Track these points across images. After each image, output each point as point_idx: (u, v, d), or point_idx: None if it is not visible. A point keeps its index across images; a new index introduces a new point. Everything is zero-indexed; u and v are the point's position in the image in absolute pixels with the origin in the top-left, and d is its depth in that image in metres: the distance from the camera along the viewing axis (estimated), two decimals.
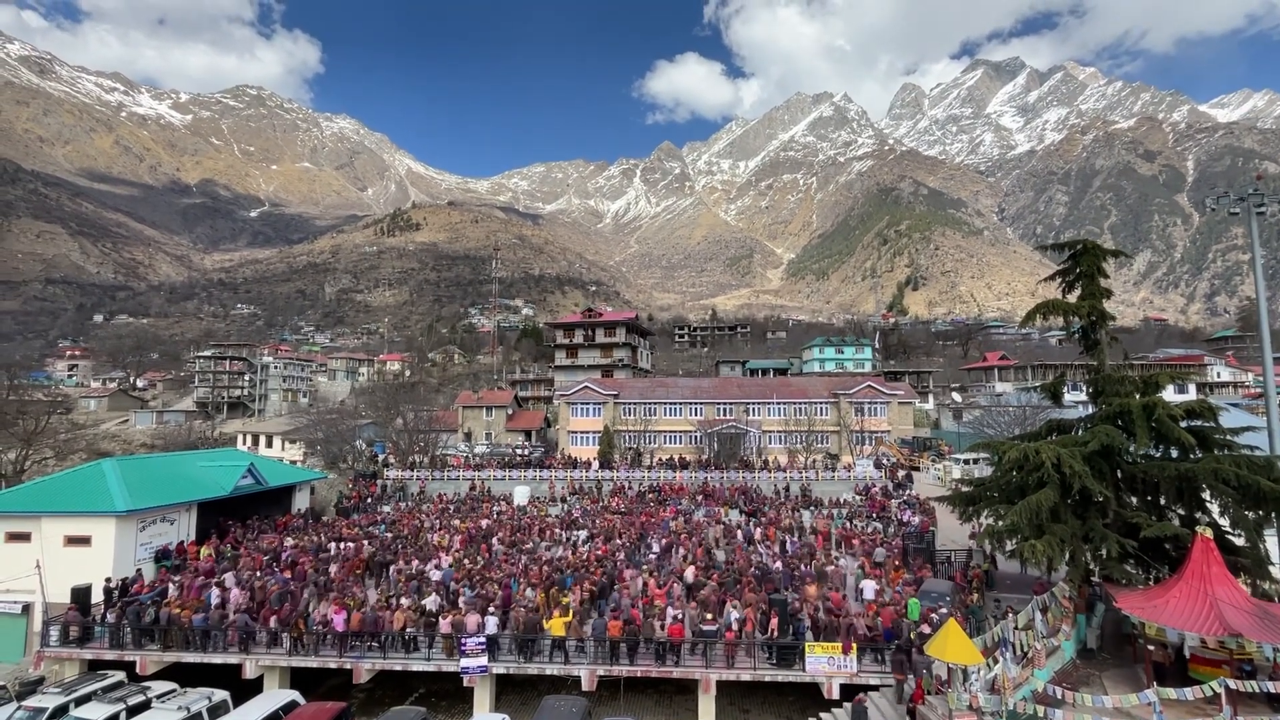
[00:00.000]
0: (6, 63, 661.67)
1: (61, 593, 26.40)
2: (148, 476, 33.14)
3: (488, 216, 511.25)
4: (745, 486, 46.11)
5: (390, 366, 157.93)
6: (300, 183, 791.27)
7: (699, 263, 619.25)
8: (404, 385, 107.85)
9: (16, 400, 67.91)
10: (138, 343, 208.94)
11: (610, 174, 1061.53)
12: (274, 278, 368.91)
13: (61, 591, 26.44)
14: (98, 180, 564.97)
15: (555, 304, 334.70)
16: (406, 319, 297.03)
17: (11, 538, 28.76)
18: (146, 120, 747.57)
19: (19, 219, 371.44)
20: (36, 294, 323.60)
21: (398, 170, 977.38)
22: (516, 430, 77.46)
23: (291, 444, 78.74)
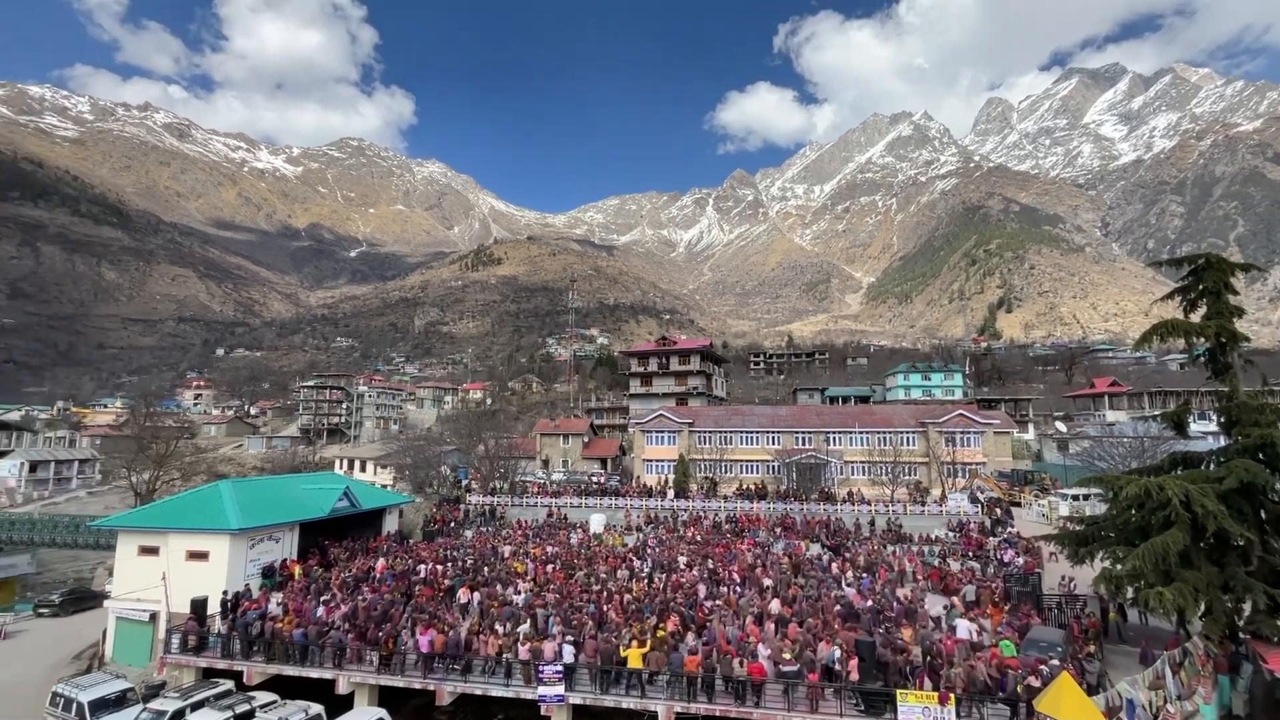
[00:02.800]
0: (154, 130, 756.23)
1: (183, 604, 28.74)
2: (257, 498, 35.78)
3: (564, 249, 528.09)
4: (827, 519, 44.24)
5: (473, 395, 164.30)
6: (394, 224, 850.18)
7: (774, 289, 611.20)
8: (485, 413, 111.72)
9: (152, 427, 75.63)
10: (252, 374, 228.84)
11: (683, 204, 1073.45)
12: (370, 312, 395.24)
13: (183, 602, 28.78)
14: (223, 228, 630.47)
15: (630, 333, 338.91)
16: (488, 349, 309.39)
17: (143, 551, 31.73)
18: (265, 173, 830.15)
19: (158, 265, 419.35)
20: (170, 331, 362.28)
21: (481, 209, 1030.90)
22: (592, 458, 78.23)
23: (383, 469, 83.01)
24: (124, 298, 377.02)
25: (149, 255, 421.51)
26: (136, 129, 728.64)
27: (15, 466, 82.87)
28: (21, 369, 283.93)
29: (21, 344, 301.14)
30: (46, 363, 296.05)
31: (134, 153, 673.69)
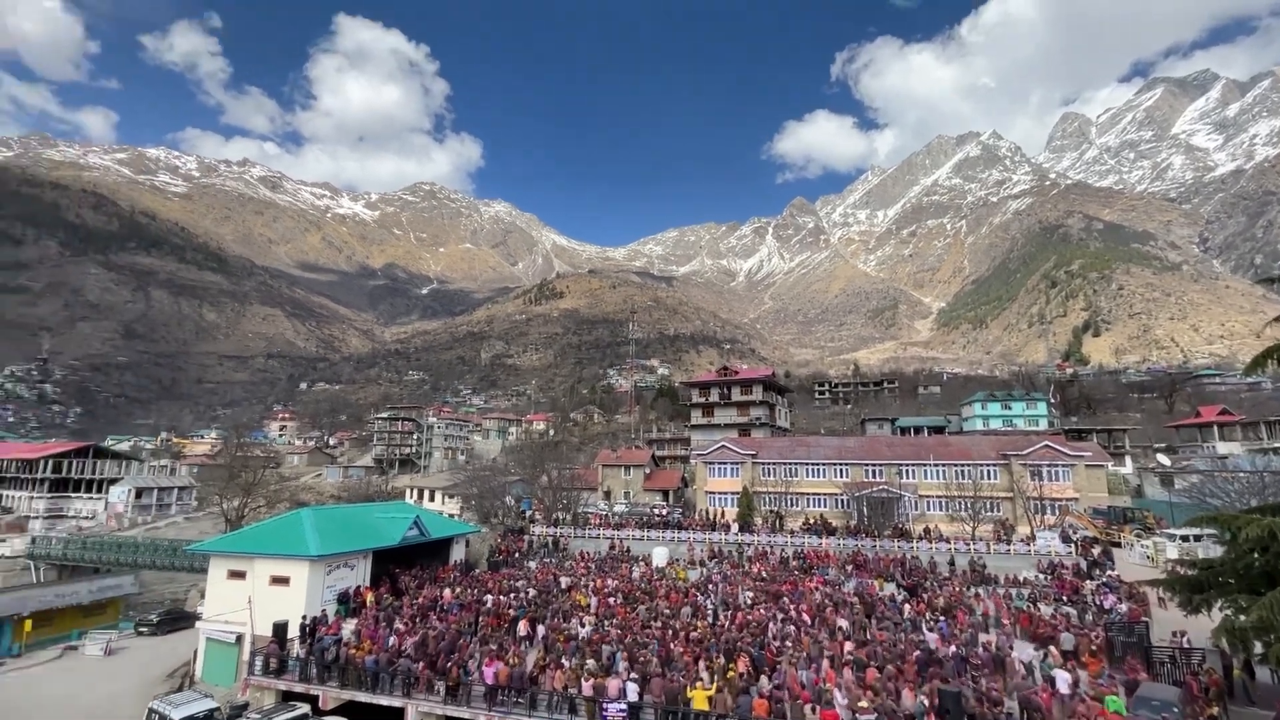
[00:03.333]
0: (250, 183, 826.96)
1: (266, 626, 30.06)
2: (335, 526, 37.31)
3: (624, 282, 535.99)
4: (902, 557, 41.94)
5: (536, 426, 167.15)
6: (462, 261, 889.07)
7: (838, 316, 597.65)
8: (548, 444, 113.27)
9: (241, 456, 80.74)
10: (331, 407, 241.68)
11: (742, 233, 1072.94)
12: (439, 346, 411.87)
13: (266, 625, 30.11)
14: (308, 270, 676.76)
15: (690, 363, 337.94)
16: (551, 381, 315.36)
17: (232, 575, 33.54)
18: (346, 219, 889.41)
19: (251, 305, 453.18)
20: (260, 366, 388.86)
21: (544, 245, 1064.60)
22: (654, 490, 77.63)
23: (450, 498, 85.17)
24: (221, 336, 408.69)
25: (244, 297, 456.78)
26: (236, 183, 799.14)
27: (124, 493, 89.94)
28: (132, 403, 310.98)
29: (133, 380, 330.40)
30: (153, 397, 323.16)
31: (233, 204, 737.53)
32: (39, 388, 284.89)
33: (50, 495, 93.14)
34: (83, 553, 61.36)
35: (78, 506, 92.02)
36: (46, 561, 63.31)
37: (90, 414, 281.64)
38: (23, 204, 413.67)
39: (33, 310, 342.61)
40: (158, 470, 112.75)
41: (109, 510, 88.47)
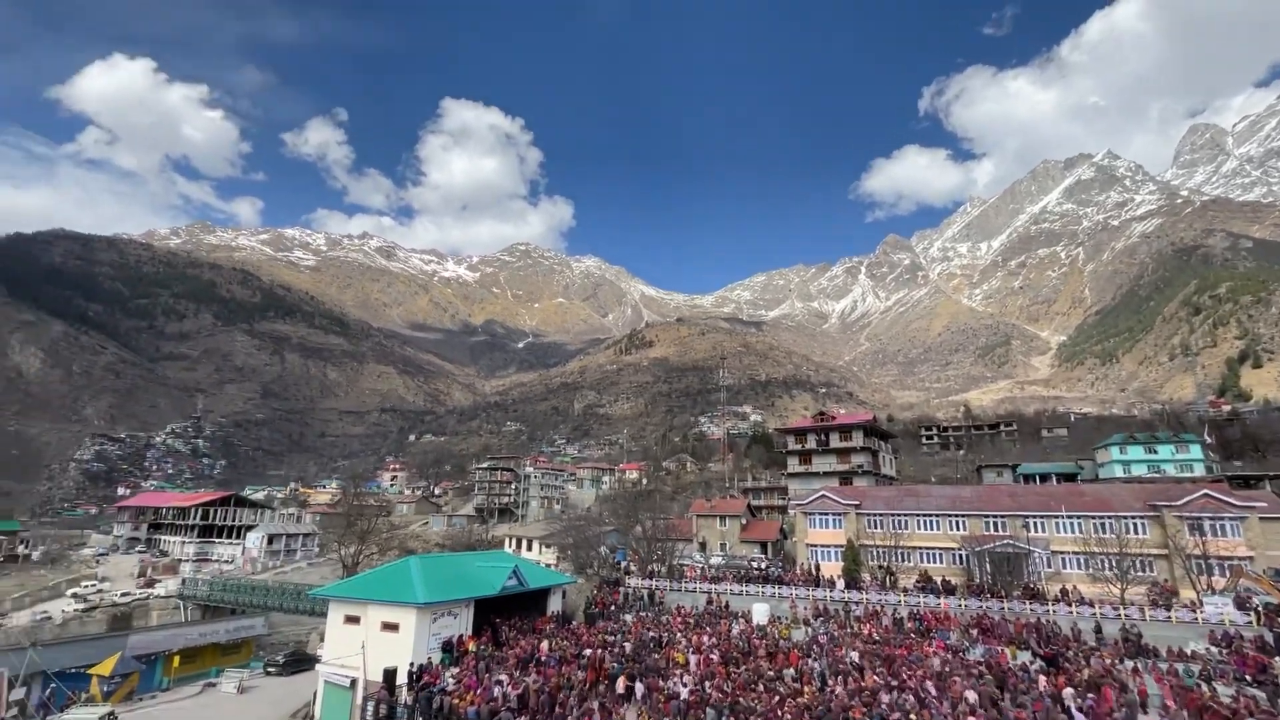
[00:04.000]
0: (369, 253, 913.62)
1: (377, 672, 31.17)
2: (439, 573, 38.60)
3: (713, 328, 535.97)
4: (1037, 622, 37.43)
5: (629, 475, 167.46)
6: (556, 315, 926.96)
7: (942, 355, 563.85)
8: (641, 493, 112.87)
9: (358, 505, 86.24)
10: (437, 458, 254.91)
11: (833, 274, 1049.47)
12: (535, 397, 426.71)
13: (377, 670, 31.23)
14: (418, 330, 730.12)
15: (784, 408, 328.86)
16: (642, 429, 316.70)
17: (348, 620, 35.31)
18: (450, 281, 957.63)
19: (368, 364, 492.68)
20: (375, 420, 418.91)
21: (633, 296, 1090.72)
22: (751, 541, 74.84)
23: (547, 548, 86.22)
24: (342, 393, 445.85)
25: (361, 357, 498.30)
26: (356, 254, 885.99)
27: (258, 539, 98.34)
28: (267, 455, 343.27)
29: (268, 434, 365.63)
30: (284, 450, 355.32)
31: (354, 274, 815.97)
32: (193, 443, 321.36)
33: (199, 540, 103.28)
34: (222, 594, 67.11)
35: (220, 551, 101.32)
36: (193, 602, 69.76)
37: (233, 466, 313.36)
38: (187, 283, 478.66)
39: (191, 374, 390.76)
40: (286, 518, 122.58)
41: (245, 555, 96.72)
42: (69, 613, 70.99)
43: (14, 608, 73.86)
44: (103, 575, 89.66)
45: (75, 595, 77.00)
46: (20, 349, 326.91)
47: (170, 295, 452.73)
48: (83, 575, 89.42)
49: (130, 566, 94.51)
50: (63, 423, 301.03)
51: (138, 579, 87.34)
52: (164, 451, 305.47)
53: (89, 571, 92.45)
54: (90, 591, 78.37)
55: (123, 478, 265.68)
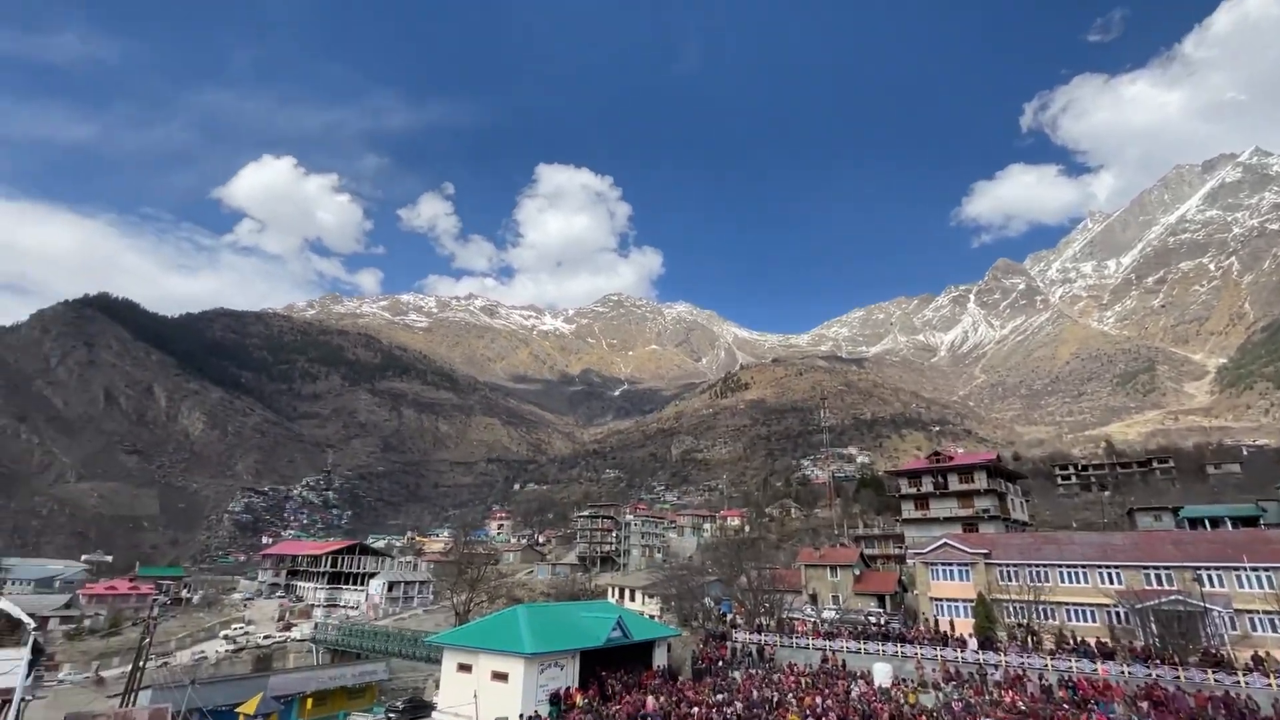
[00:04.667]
0: (474, 313, 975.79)
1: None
2: (545, 623, 38.83)
3: (811, 368, 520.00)
4: (1225, 695, 31.73)
5: (731, 523, 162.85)
6: (650, 362, 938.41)
7: (1072, 385, 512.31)
8: (744, 541, 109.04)
9: (468, 554, 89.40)
10: (540, 506, 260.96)
11: (938, 304, 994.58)
12: (633, 445, 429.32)
13: None
14: (519, 382, 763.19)
15: (893, 449, 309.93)
16: (742, 474, 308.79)
17: (461, 668, 36.14)
18: (548, 334, 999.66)
19: (474, 416, 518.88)
20: (482, 470, 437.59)
21: (726, 339, 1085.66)
22: (866, 594, 69.73)
23: (650, 598, 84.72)
24: (452, 445, 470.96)
25: (469, 410, 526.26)
26: (463, 314, 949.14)
27: (380, 586, 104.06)
28: (387, 505, 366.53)
29: (387, 485, 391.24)
30: (402, 500, 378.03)
31: (461, 332, 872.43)
32: (324, 494, 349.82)
33: (329, 586, 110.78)
34: (349, 639, 71.07)
35: (347, 597, 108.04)
36: (324, 645, 74.35)
37: (358, 515, 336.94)
38: (319, 349, 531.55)
39: (322, 431, 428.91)
40: (404, 566, 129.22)
41: (368, 601, 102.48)
42: (221, 653, 77.94)
43: (177, 647, 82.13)
44: (249, 618, 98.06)
45: (226, 637, 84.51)
46: (187, 414, 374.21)
47: (305, 360, 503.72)
48: (233, 618, 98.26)
49: (271, 610, 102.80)
50: (219, 478, 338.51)
51: (277, 622, 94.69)
52: (300, 503, 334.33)
53: (238, 615, 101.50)
54: (239, 634, 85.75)
55: (266, 527, 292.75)
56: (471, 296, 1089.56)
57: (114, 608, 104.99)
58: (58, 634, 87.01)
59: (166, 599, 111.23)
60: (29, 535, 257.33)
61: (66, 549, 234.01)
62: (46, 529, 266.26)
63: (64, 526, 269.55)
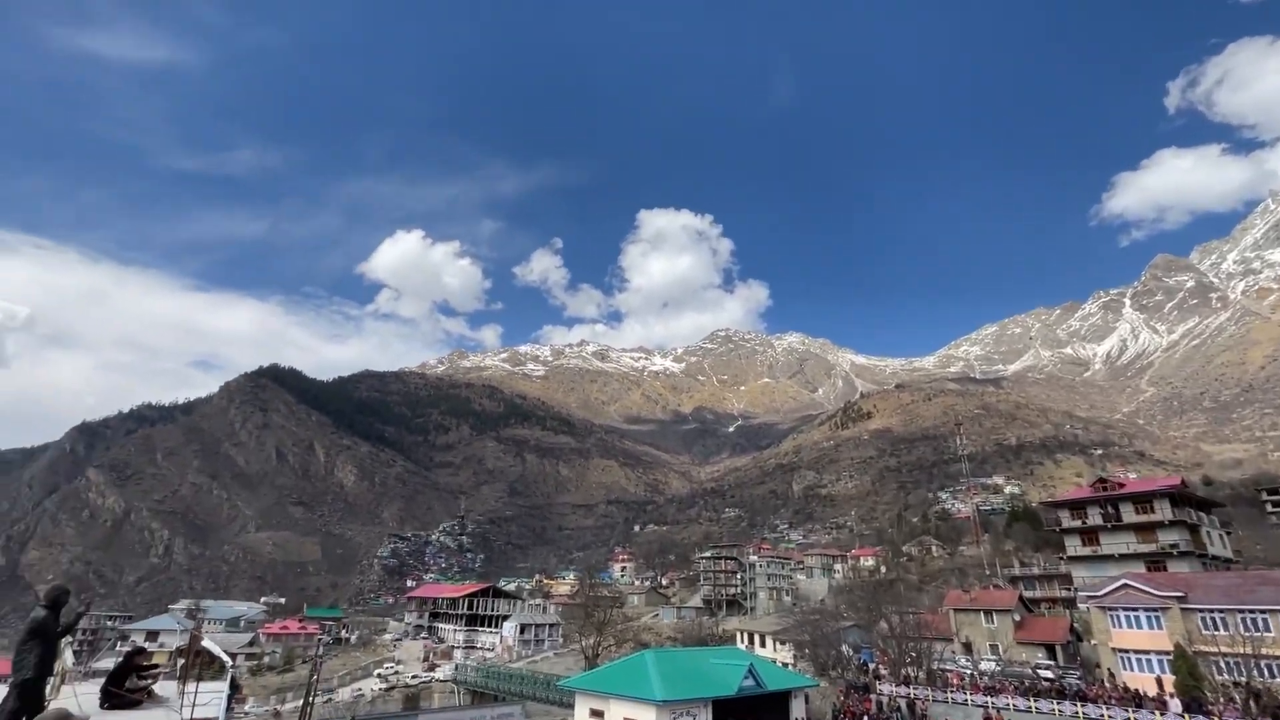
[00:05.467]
0: (586, 358, 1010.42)
1: None
2: (675, 670, 37.88)
3: (940, 391, 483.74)
4: None
5: (864, 562, 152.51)
6: (763, 396, 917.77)
7: (1273, 393, 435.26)
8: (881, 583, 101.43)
9: (594, 596, 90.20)
10: (660, 546, 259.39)
11: (1086, 312, 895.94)
12: (751, 482, 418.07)
13: None
14: (633, 423, 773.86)
15: (1047, 477, 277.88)
16: (872, 509, 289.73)
17: (593, 714, 35.99)
18: (659, 374, 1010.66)
19: (593, 459, 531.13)
20: (602, 512, 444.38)
21: (842, 367, 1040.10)
22: (1031, 643, 61.77)
23: (781, 645, 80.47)
24: (572, 488, 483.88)
25: (587, 453, 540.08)
26: (577, 360, 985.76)
27: (513, 628, 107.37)
28: (515, 548, 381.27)
29: (515, 529, 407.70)
30: (529, 543, 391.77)
31: (576, 378, 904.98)
32: (459, 539, 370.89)
33: (466, 628, 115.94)
34: (487, 680, 73.52)
35: (483, 639, 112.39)
36: (464, 686, 77.43)
37: (489, 559, 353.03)
38: (449, 403, 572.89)
39: (455, 479, 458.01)
40: (533, 608, 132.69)
41: (503, 643, 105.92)
42: (375, 691, 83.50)
43: (339, 684, 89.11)
44: (398, 658, 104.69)
45: (379, 675, 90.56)
46: (341, 467, 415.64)
47: (438, 413, 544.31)
48: (384, 658, 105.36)
49: (417, 651, 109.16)
50: (369, 525, 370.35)
51: (423, 662, 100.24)
52: (438, 547, 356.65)
53: (389, 654, 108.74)
54: (390, 673, 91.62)
55: (409, 571, 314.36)
56: (583, 343, 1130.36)
57: (287, 645, 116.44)
58: (243, 669, 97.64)
59: (330, 639, 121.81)
60: (220, 579, 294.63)
61: (248, 592, 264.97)
62: (233, 574, 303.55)
63: (246, 571, 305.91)
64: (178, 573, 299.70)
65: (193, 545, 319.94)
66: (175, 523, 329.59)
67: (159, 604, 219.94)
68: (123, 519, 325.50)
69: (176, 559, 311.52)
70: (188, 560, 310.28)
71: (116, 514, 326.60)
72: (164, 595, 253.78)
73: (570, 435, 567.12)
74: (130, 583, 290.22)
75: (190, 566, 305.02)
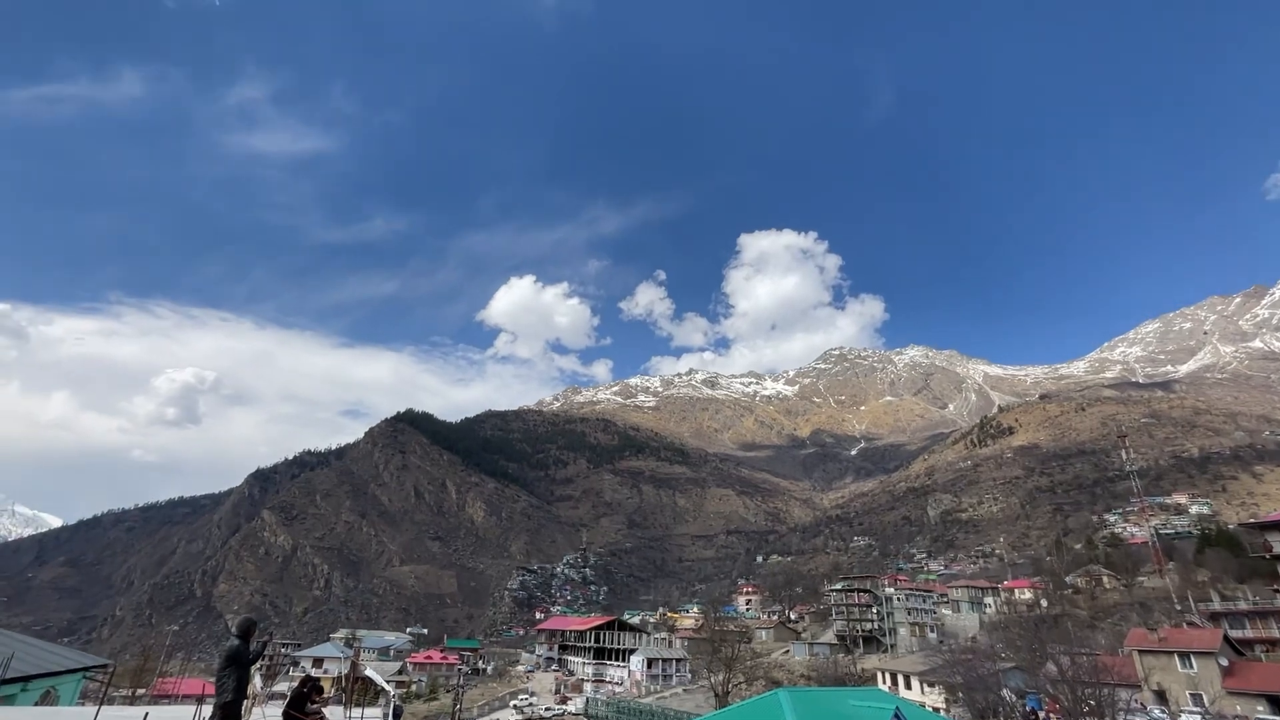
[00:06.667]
0: (696, 386, 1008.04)
1: None
2: (812, 711, 35.56)
3: (1095, 399, 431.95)
4: None
5: (1020, 595, 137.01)
6: (886, 415, 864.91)
7: None
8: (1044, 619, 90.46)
9: (720, 631, 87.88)
10: (786, 578, 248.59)
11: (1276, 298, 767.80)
12: (880, 508, 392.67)
13: None
14: (747, 450, 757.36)
15: (1244, 493, 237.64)
16: (1024, 535, 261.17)
17: None
18: (771, 399, 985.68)
19: (709, 488, 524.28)
20: (722, 543, 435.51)
21: (974, 379, 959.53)
22: (1244, 692, 52.04)
23: (929, 686, 73.61)
24: (690, 518, 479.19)
25: (703, 482, 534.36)
26: (687, 389, 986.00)
27: (640, 662, 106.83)
28: (637, 580, 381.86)
29: (635, 561, 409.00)
30: (650, 575, 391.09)
31: (687, 407, 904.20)
32: (582, 571, 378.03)
33: (594, 661, 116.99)
34: (619, 715, 73.29)
35: (611, 672, 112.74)
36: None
37: (612, 591, 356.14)
38: (566, 438, 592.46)
39: (575, 512, 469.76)
40: (659, 642, 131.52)
41: (631, 677, 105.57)
42: None
43: (478, 713, 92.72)
44: (531, 689, 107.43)
45: (515, 707, 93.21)
46: (471, 504, 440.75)
47: (556, 448, 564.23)
48: (518, 689, 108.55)
49: (549, 683, 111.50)
50: (498, 559, 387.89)
51: (555, 695, 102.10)
52: (563, 580, 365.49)
53: (522, 686, 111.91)
54: (524, 704, 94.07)
55: (538, 603, 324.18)
56: (692, 371, 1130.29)
57: (431, 674, 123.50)
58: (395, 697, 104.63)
59: (469, 669, 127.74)
60: (371, 610, 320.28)
61: (394, 622, 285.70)
62: (382, 605, 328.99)
63: (393, 603, 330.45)
64: (336, 604, 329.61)
65: (348, 579, 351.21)
66: (333, 558, 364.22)
67: (322, 633, 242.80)
68: (291, 555, 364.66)
69: (335, 591, 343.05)
70: (344, 592, 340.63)
71: (286, 550, 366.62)
72: (325, 625, 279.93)
73: (685, 465, 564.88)
74: (298, 613, 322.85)
75: (346, 598, 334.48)
